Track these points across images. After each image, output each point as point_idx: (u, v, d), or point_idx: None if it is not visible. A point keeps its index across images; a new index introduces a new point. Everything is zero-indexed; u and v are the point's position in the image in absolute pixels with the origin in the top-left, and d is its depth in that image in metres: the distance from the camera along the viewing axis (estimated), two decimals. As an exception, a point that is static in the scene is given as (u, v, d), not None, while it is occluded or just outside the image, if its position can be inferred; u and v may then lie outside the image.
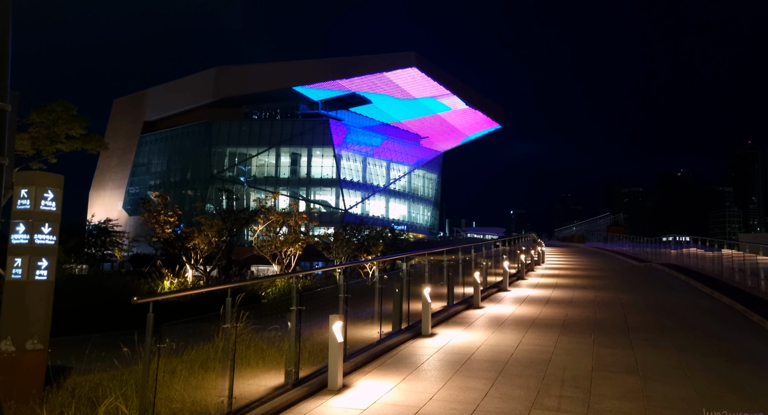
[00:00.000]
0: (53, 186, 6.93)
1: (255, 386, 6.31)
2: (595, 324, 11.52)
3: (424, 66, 71.76)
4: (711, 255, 21.54)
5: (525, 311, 13.12)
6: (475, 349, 9.06)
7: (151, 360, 4.78)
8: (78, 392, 6.25)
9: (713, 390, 6.80)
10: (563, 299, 15.45)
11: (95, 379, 6.75)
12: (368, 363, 8.07)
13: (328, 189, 77.88)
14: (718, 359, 8.48)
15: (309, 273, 26.27)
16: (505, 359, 8.37)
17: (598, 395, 6.51)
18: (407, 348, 9.14)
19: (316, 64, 75.00)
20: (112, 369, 7.15)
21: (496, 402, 6.27)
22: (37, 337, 6.62)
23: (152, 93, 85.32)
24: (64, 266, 26.54)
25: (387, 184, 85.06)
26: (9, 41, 6.57)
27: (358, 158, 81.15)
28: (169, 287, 23.63)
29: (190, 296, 17.02)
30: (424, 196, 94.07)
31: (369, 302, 9.29)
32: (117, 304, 16.52)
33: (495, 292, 16.60)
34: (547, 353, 8.75)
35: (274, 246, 28.55)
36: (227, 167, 78.31)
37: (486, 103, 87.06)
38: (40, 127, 21.51)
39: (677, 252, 26.78)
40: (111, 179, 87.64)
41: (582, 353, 8.80)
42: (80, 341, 10.84)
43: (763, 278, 14.94)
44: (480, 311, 13.14)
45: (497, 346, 9.30)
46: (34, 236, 6.71)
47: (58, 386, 6.67)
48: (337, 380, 6.73)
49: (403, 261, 10.83)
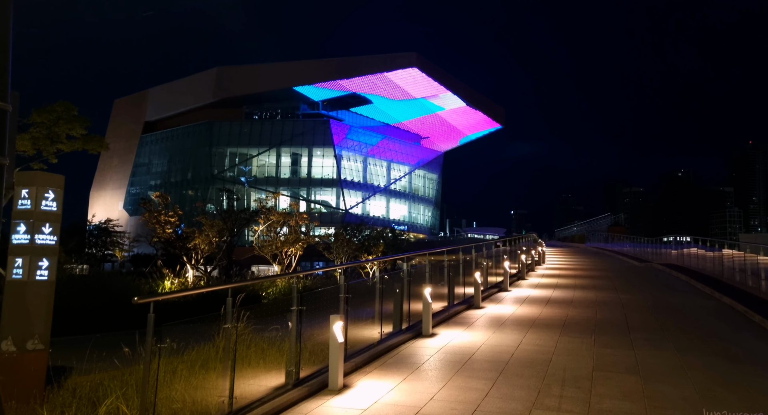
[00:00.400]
0: (54, 186, 6.94)
1: (256, 386, 6.32)
2: (595, 324, 11.52)
3: (424, 66, 71.76)
4: (711, 255, 21.53)
5: (526, 311, 13.12)
6: (475, 349, 9.05)
7: (151, 360, 4.79)
8: (79, 392, 6.26)
9: (714, 390, 6.79)
10: (564, 299, 15.45)
11: (96, 379, 6.75)
12: (369, 363, 8.07)
13: (329, 189, 77.90)
14: (718, 359, 8.48)
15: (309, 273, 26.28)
16: (505, 359, 8.36)
17: (599, 395, 6.51)
18: (408, 348, 9.14)
19: (316, 65, 75.02)
20: (112, 369, 7.15)
21: (496, 402, 6.26)
22: (38, 337, 6.62)
23: (153, 93, 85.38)
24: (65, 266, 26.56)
25: (387, 184, 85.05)
26: (10, 42, 6.58)
27: (359, 158, 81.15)
28: (170, 287, 23.64)
29: (190, 296, 17.03)
30: (425, 196, 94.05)
31: (370, 302, 9.29)
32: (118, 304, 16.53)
33: (496, 292, 16.60)
34: (548, 353, 8.75)
35: (274, 246, 28.56)
36: (228, 167, 78.35)
37: (486, 103, 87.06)
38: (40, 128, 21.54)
39: (678, 252, 26.76)
40: (112, 179, 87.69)
41: (583, 353, 8.80)
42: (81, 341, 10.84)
43: (763, 279, 14.93)
44: (481, 311, 13.14)
45: (498, 346, 9.29)
46: (35, 236, 6.71)
47: (59, 386, 6.68)
48: (338, 381, 6.73)
49: (403, 261, 10.83)
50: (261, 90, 74.70)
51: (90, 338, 10.82)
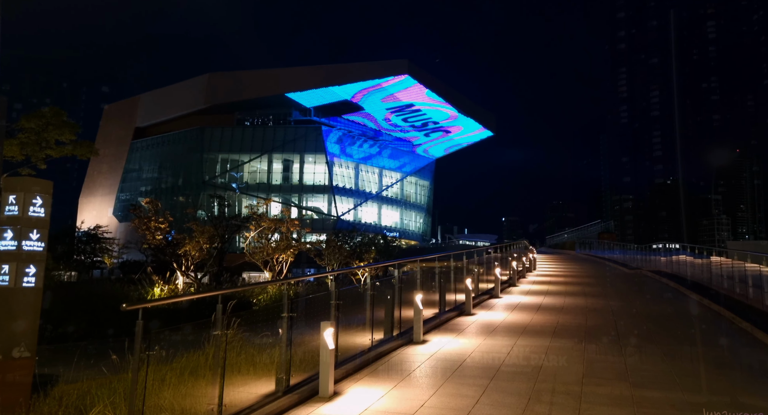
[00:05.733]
0: (42, 192, 6.89)
1: (245, 394, 6.28)
2: (585, 331, 11.56)
3: (416, 74, 72.12)
4: (700, 262, 21.72)
5: (517, 318, 13.15)
6: (466, 356, 9.05)
7: (140, 368, 4.75)
8: (66, 401, 6.18)
9: (702, 396, 6.84)
10: (555, 305, 15.50)
11: (83, 387, 6.67)
12: (360, 370, 8.04)
13: (321, 196, 77.83)
14: (707, 365, 8.54)
15: (300, 280, 26.16)
16: (496, 365, 8.37)
17: (589, 402, 6.53)
18: (399, 355, 9.12)
19: (308, 71, 75.19)
20: (100, 377, 7.08)
21: (487, 409, 6.26)
22: (25, 344, 6.54)
23: (144, 99, 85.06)
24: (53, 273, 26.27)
25: (379, 190, 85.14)
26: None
27: (351, 165, 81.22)
28: (160, 294, 23.45)
29: (180, 303, 16.91)
30: (417, 203, 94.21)
31: (361, 308, 9.28)
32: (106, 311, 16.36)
33: (487, 299, 16.63)
34: (539, 359, 8.77)
35: (265, 253, 28.45)
36: (219, 174, 78.08)
37: (478, 111, 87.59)
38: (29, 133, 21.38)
39: (667, 259, 26.97)
40: (101, 185, 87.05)
41: (573, 359, 8.82)
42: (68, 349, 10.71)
43: (751, 286, 15.07)
44: (472, 318, 13.15)
45: (489, 353, 9.30)
46: (22, 242, 6.65)
47: (45, 394, 6.59)
48: (329, 387, 6.70)
49: (395, 268, 10.83)
50: (253, 96, 74.68)
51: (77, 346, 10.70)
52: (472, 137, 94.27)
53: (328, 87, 72.87)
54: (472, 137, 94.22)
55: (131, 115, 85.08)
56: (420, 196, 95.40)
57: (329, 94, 75.38)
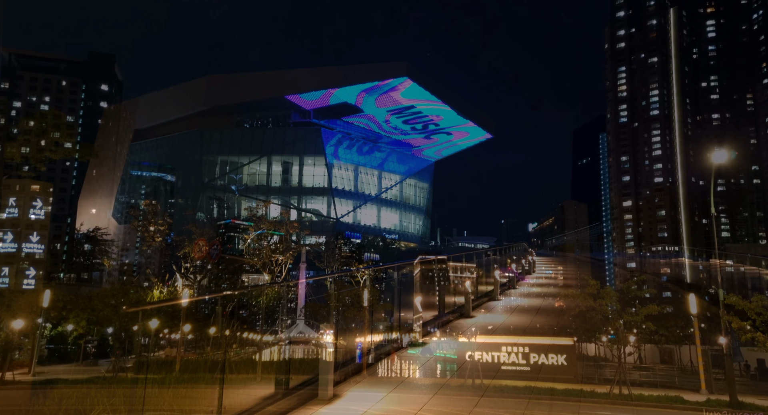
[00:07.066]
0: (42, 194, 6.89)
1: (245, 396, 6.29)
2: (584, 332, 11.58)
3: (416, 76, 72.26)
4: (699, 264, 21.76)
5: (516, 321, 13.17)
6: (466, 359, 9.06)
7: (140, 370, 4.75)
8: (65, 403, 6.19)
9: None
10: (554, 307, 15.53)
11: (83, 389, 6.69)
12: (359, 373, 8.05)
13: (320, 198, 77.88)
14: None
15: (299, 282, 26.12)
16: (495, 368, 8.37)
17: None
18: (398, 357, 9.13)
19: (308, 73, 75.30)
20: (99, 378, 7.09)
21: (486, 411, 6.27)
22: (25, 345, 6.54)
23: (143, 101, 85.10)
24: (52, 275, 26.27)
25: (379, 193, 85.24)
26: None
27: (350, 167, 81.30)
28: (159, 296, 23.45)
29: (179, 304, 16.92)
30: (416, 205, 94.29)
31: (360, 311, 9.30)
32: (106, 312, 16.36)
33: (486, 301, 16.65)
34: (536, 364, 8.78)
35: (264, 255, 28.45)
36: (218, 176, 78.14)
37: (478, 113, 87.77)
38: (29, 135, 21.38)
39: (666, 262, 27.02)
40: (101, 188, 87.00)
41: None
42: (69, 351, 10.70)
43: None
44: (471, 320, 13.17)
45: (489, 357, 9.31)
46: (22, 244, 6.65)
47: (44, 396, 6.60)
48: (328, 390, 6.71)
49: (394, 270, 10.84)
50: (252, 98, 74.79)
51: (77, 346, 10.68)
52: (472, 139, 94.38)
53: (327, 89, 72.99)
54: (471, 139, 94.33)
55: (131, 118, 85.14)
56: (419, 199, 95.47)
57: (328, 96, 75.49)
